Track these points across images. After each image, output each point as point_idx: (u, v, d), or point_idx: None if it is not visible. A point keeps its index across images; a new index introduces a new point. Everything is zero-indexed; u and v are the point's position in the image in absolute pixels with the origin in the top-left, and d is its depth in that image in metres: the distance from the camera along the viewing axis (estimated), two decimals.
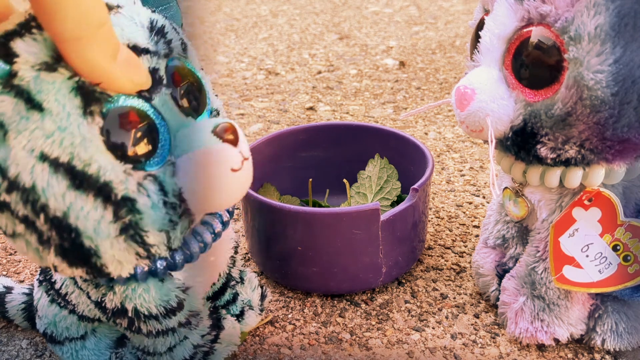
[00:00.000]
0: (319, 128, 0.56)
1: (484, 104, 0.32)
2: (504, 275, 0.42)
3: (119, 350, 0.37)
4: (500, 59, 0.32)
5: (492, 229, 0.44)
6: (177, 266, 0.29)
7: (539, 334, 0.38)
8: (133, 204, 0.24)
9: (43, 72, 0.22)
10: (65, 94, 0.22)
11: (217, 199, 0.26)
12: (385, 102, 0.88)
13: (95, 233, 0.23)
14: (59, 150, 0.22)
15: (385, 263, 0.44)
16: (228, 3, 1.57)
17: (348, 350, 0.41)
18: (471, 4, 1.43)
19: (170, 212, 0.25)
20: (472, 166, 0.67)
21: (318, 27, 1.31)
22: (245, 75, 1.02)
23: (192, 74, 0.28)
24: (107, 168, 0.23)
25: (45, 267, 0.26)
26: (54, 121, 0.22)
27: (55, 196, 0.22)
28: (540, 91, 0.31)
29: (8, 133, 0.21)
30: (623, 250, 0.34)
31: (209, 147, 0.25)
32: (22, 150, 0.21)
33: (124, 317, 0.31)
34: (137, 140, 0.24)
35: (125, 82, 0.23)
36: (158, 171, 0.25)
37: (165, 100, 0.25)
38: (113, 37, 0.23)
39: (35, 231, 0.23)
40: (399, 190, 0.51)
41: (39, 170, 0.22)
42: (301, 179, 0.55)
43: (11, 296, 0.42)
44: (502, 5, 0.31)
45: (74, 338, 0.36)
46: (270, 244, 0.45)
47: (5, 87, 0.21)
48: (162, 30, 0.26)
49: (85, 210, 0.23)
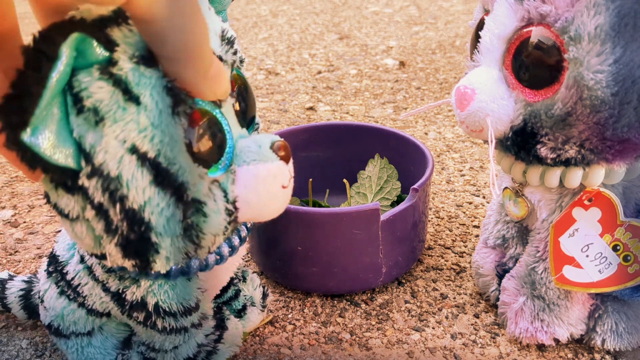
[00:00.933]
0: (319, 128, 0.56)
1: (484, 104, 0.32)
2: (504, 275, 0.42)
3: (125, 352, 0.37)
4: (500, 59, 0.32)
5: (492, 229, 0.44)
6: (209, 266, 0.30)
7: (539, 334, 0.38)
8: (202, 206, 0.24)
9: (142, 66, 0.22)
10: (159, 91, 0.22)
11: (264, 212, 0.27)
12: (385, 102, 0.88)
13: (164, 230, 0.24)
14: (148, 145, 0.22)
15: (385, 263, 0.44)
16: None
17: (348, 350, 0.41)
18: (471, 4, 1.43)
19: (227, 218, 0.26)
20: (472, 166, 0.67)
21: (318, 27, 1.31)
22: (245, 75, 1.02)
23: (244, 81, 0.29)
24: (185, 169, 0.23)
25: (92, 253, 0.26)
26: (148, 116, 0.22)
27: (137, 189, 0.23)
28: (540, 91, 0.31)
29: (103, 120, 0.21)
30: (623, 250, 0.34)
31: (269, 162, 0.26)
32: (114, 139, 0.22)
33: (142, 310, 0.31)
34: (211, 144, 0.25)
35: (210, 95, 0.24)
36: (222, 177, 0.25)
37: (229, 109, 0.26)
38: (209, 55, 0.23)
39: (105, 219, 0.23)
40: (399, 190, 0.51)
41: (127, 161, 0.22)
42: (301, 179, 0.54)
43: (11, 283, 0.43)
44: (502, 5, 0.31)
45: (80, 333, 0.36)
46: (270, 244, 0.45)
47: (104, 74, 0.21)
48: (231, 40, 0.27)
49: (160, 206, 0.23)
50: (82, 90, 0.21)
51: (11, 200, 0.63)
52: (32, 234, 0.56)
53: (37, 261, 0.52)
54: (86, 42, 0.21)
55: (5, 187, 0.66)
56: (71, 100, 0.21)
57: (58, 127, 0.21)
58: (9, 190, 0.65)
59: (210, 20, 0.26)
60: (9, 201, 0.62)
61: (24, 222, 0.58)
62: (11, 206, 0.61)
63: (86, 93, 0.21)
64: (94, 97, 0.21)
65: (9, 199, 0.63)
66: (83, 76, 0.21)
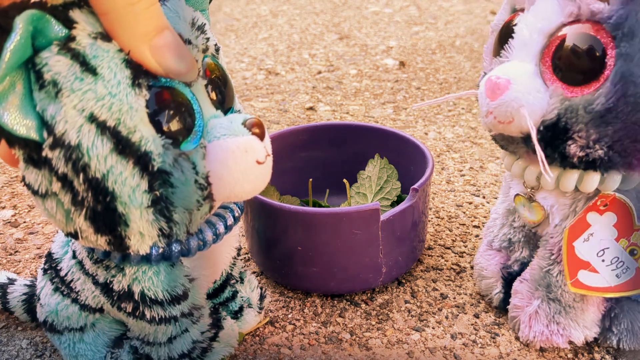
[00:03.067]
0: (319, 128, 0.56)
1: (520, 94, 0.31)
2: (508, 277, 0.42)
3: (115, 351, 0.37)
4: (538, 54, 0.31)
5: (498, 232, 0.43)
6: (191, 251, 0.30)
7: (554, 337, 0.38)
8: (168, 177, 0.25)
9: (99, 40, 0.23)
10: (117, 63, 0.23)
11: (240, 187, 0.27)
12: (385, 102, 0.88)
13: (130, 200, 0.24)
14: (107, 114, 0.23)
15: (385, 263, 0.44)
16: (228, 3, 1.57)
17: (348, 350, 0.41)
18: (471, 4, 1.43)
19: (199, 192, 0.26)
20: (472, 166, 0.67)
21: (318, 27, 1.31)
22: (245, 75, 1.02)
23: (222, 72, 0.30)
24: (148, 139, 0.24)
25: (68, 233, 0.27)
26: (105, 86, 0.23)
27: (98, 157, 0.23)
28: (577, 88, 0.31)
29: (61, 91, 0.23)
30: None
31: (239, 136, 0.27)
32: (72, 109, 0.23)
33: (130, 300, 0.31)
34: (177, 118, 0.25)
35: (156, 67, 0.24)
36: (191, 152, 0.26)
37: (200, 89, 0.27)
38: (149, 19, 0.24)
39: (71, 190, 0.24)
40: (399, 190, 0.51)
41: (86, 130, 0.23)
42: (301, 179, 0.55)
43: (13, 287, 0.43)
44: (548, 1, 0.31)
45: (73, 328, 0.36)
46: (270, 244, 0.45)
47: (62, 49, 0.22)
48: (202, 27, 0.28)
49: (123, 175, 0.24)
50: (42, 66, 0.22)
51: (11, 200, 0.63)
52: (32, 234, 0.56)
53: (37, 261, 0.52)
54: (44, 20, 0.22)
55: (5, 187, 0.66)
56: (34, 76, 0.23)
57: (21, 102, 0.23)
58: (9, 190, 0.65)
59: (180, 7, 0.27)
60: (9, 201, 0.62)
61: (24, 222, 0.58)
62: (11, 206, 0.61)
63: (46, 68, 0.22)
64: (53, 70, 0.22)
65: (9, 199, 0.63)
66: (44, 53, 0.22)
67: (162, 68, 0.24)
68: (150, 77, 0.24)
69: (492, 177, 0.65)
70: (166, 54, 0.24)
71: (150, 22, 0.24)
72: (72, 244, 0.34)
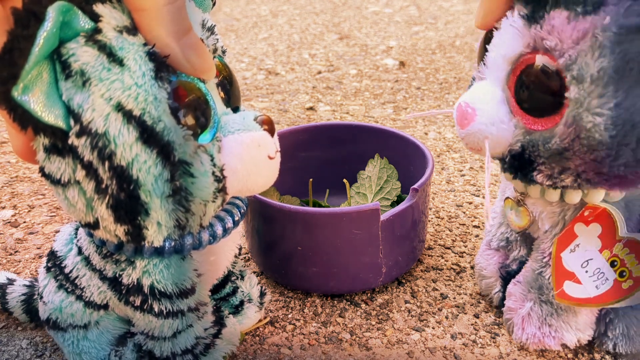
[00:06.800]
0: (319, 128, 0.56)
1: (484, 126, 0.31)
2: (507, 277, 0.42)
3: (119, 348, 0.37)
4: (504, 79, 0.31)
5: (496, 231, 0.43)
6: (202, 244, 0.30)
7: (546, 339, 0.38)
8: (188, 167, 0.26)
9: (125, 34, 0.24)
10: (142, 55, 0.24)
11: (252, 181, 0.28)
12: (385, 102, 0.88)
13: (152, 188, 0.25)
14: (133, 103, 0.24)
15: (385, 263, 0.44)
16: (228, 3, 1.57)
17: (348, 350, 0.41)
18: (471, 4, 1.43)
19: (215, 184, 0.27)
20: (472, 166, 0.67)
21: (318, 27, 1.31)
22: (245, 75, 1.02)
23: (229, 72, 0.31)
24: (171, 129, 0.25)
25: (86, 223, 0.27)
26: (131, 77, 0.24)
27: (124, 145, 0.24)
28: (540, 120, 0.30)
29: (89, 80, 0.23)
30: (620, 266, 0.34)
31: (253, 131, 0.28)
32: (100, 97, 0.23)
33: (139, 294, 0.32)
34: (195, 112, 0.26)
35: (188, 66, 0.25)
36: (208, 145, 0.27)
37: (212, 87, 0.28)
38: (181, 19, 0.25)
39: (95, 178, 0.25)
40: (399, 190, 0.51)
41: (113, 118, 0.24)
42: (301, 179, 0.55)
43: (12, 287, 0.43)
44: (509, 28, 0.30)
45: (77, 326, 0.36)
46: (270, 244, 0.45)
47: (89, 41, 0.23)
48: (212, 29, 0.29)
49: (147, 164, 0.25)
50: (69, 56, 0.23)
51: (11, 200, 0.63)
52: (32, 234, 0.56)
53: (37, 261, 0.52)
54: (72, 12, 0.22)
55: (5, 187, 0.66)
56: (60, 67, 0.23)
57: (48, 90, 0.23)
58: (9, 190, 0.65)
59: (191, 8, 0.28)
60: (9, 201, 0.62)
61: (24, 222, 0.58)
62: (11, 206, 0.61)
63: (73, 58, 0.23)
64: (80, 60, 0.23)
65: (9, 199, 0.63)
66: (70, 44, 0.23)
67: (189, 65, 0.25)
68: (171, 71, 0.25)
69: (492, 177, 0.65)
70: (194, 52, 0.26)
71: (182, 22, 0.25)
72: (76, 241, 0.34)
